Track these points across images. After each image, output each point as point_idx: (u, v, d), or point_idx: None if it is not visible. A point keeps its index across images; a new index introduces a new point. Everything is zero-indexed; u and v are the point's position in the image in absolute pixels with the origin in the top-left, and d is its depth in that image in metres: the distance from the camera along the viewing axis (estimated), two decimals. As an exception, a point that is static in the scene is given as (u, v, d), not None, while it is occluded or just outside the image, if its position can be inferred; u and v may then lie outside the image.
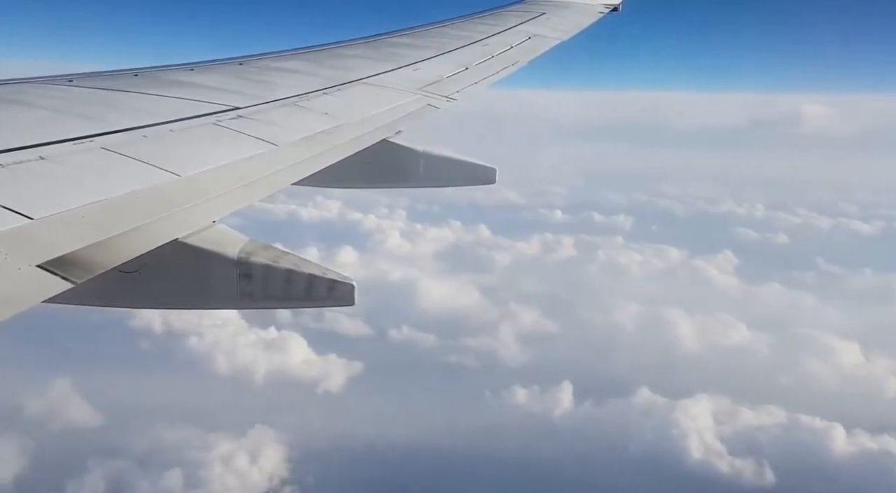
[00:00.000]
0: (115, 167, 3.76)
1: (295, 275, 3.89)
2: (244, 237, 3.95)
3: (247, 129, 4.91)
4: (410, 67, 8.01)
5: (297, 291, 3.91)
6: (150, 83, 5.69)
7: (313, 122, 5.53)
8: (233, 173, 4.19)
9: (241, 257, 3.82)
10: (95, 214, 3.22)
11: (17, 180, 3.30)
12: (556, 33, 11.05)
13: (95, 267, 2.89)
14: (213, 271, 3.80)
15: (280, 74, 6.81)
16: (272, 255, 3.92)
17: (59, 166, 3.56)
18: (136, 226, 3.27)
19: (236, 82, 6.18)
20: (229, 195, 3.97)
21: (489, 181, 6.81)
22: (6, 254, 2.69)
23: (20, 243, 2.79)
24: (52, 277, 2.70)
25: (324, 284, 3.92)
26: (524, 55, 9.56)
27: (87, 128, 4.15)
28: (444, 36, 9.89)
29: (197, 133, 4.65)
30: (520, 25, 11.09)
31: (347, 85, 6.83)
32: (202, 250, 3.70)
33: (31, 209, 3.00)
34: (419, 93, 7.15)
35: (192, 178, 3.93)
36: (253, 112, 5.32)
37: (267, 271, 3.86)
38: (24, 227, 2.89)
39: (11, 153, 3.53)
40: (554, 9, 12.50)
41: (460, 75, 8.14)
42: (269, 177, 4.35)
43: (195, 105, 5.16)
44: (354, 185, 6.67)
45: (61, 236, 2.94)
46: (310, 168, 4.72)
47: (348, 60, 7.96)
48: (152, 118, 4.61)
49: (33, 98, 4.67)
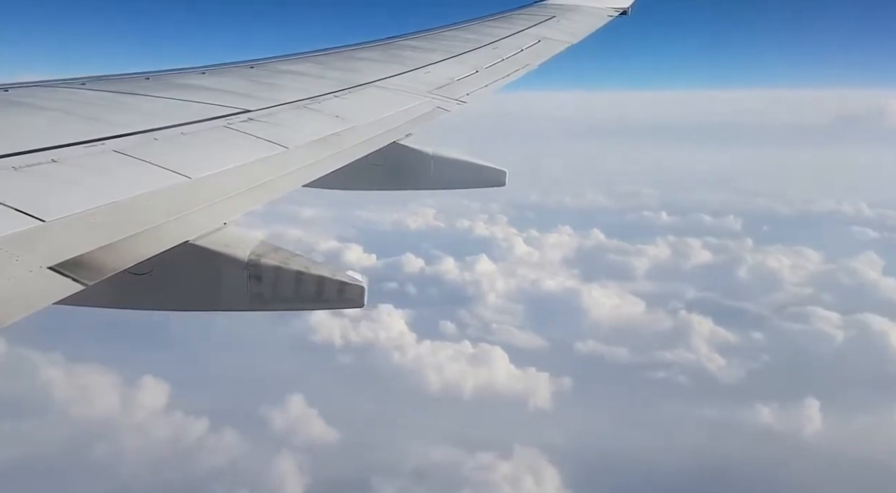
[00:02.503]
0: (126, 170, 3.77)
1: (305, 277, 3.89)
2: (255, 239, 3.95)
3: (257, 131, 4.92)
4: (421, 70, 8.01)
5: (307, 292, 3.91)
6: (162, 86, 5.71)
7: (323, 124, 5.53)
8: (243, 176, 4.20)
9: (252, 259, 3.82)
10: (107, 216, 3.23)
11: (29, 183, 3.31)
12: (566, 36, 11.03)
13: (107, 269, 2.89)
14: (224, 272, 3.80)
15: (290, 77, 6.82)
16: (282, 257, 3.92)
17: (70, 169, 3.57)
18: (147, 228, 3.28)
19: (247, 85, 6.19)
20: (240, 197, 3.97)
21: (499, 184, 6.80)
22: (18, 256, 2.70)
23: (32, 246, 2.80)
24: (64, 279, 2.70)
25: (334, 285, 3.92)
26: (534, 58, 9.55)
27: (99, 131, 4.16)
28: (454, 39, 9.89)
29: (208, 136, 4.66)
30: (529, 28, 11.07)
31: (358, 87, 6.83)
32: (213, 251, 3.70)
33: (42, 212, 3.01)
34: (429, 95, 7.15)
35: (202, 180, 3.94)
36: (263, 115, 5.32)
37: (277, 273, 3.86)
38: (35, 229, 2.90)
39: (24, 156, 3.55)
40: (563, 12, 12.49)
41: (470, 78, 8.13)
42: (279, 179, 4.35)
43: (206, 108, 5.17)
44: (365, 187, 6.67)
45: (73, 239, 2.94)
46: (320, 170, 4.72)
47: (358, 63, 7.97)
48: (164, 121, 4.62)
49: (45, 101, 4.70)
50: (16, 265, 2.66)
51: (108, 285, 2.96)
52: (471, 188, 6.92)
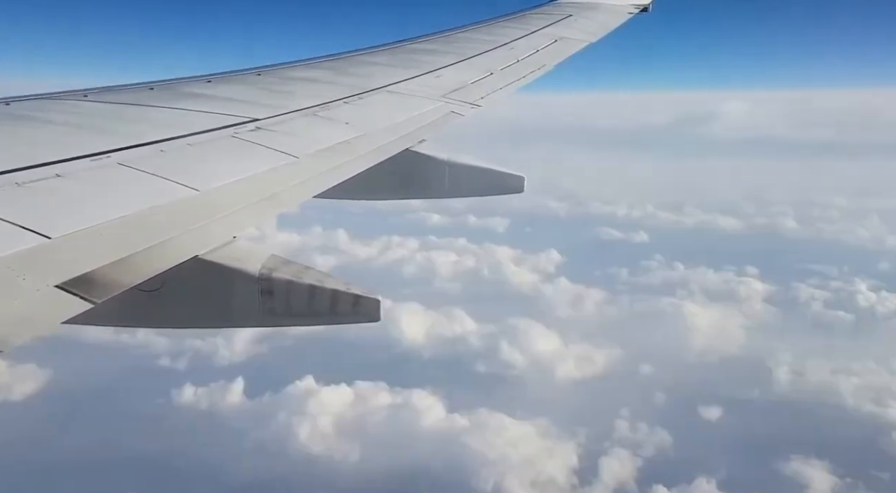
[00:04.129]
0: (132, 183, 3.70)
1: (318, 291, 3.79)
2: (266, 253, 3.86)
3: (266, 141, 4.83)
4: (433, 74, 7.89)
5: (320, 307, 3.82)
6: (167, 96, 5.63)
7: (334, 132, 5.43)
8: (253, 187, 4.11)
9: (263, 273, 3.73)
10: (114, 231, 3.17)
11: (33, 199, 3.25)
12: (584, 35, 10.82)
13: (115, 286, 2.84)
14: (235, 288, 3.73)
15: (299, 84, 6.72)
16: (294, 270, 3.82)
17: (75, 183, 3.51)
18: (156, 243, 3.22)
19: (254, 93, 6.11)
20: (249, 210, 3.88)
21: (517, 190, 6.64)
22: (24, 275, 2.65)
23: (38, 263, 2.76)
24: (71, 297, 2.66)
25: (349, 299, 3.81)
26: (551, 58, 9.36)
27: (104, 143, 4.09)
28: (467, 41, 9.76)
29: (215, 146, 4.57)
30: (545, 28, 10.90)
31: (368, 93, 6.73)
32: (223, 266, 3.63)
33: (48, 228, 2.96)
34: (442, 100, 7.03)
35: (211, 192, 3.85)
36: (272, 123, 5.23)
37: (289, 287, 3.77)
38: (41, 246, 2.85)
39: (28, 171, 3.49)
40: (581, 10, 12.28)
41: (485, 81, 8.00)
42: (289, 190, 4.26)
43: (213, 117, 5.08)
44: (378, 196, 6.54)
45: (79, 255, 2.89)
46: (332, 180, 4.61)
47: (369, 68, 7.87)
48: (169, 132, 4.54)
49: (48, 114, 4.64)
50: (22, 284, 2.61)
51: (116, 303, 2.90)
52: (488, 195, 6.77)
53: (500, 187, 6.64)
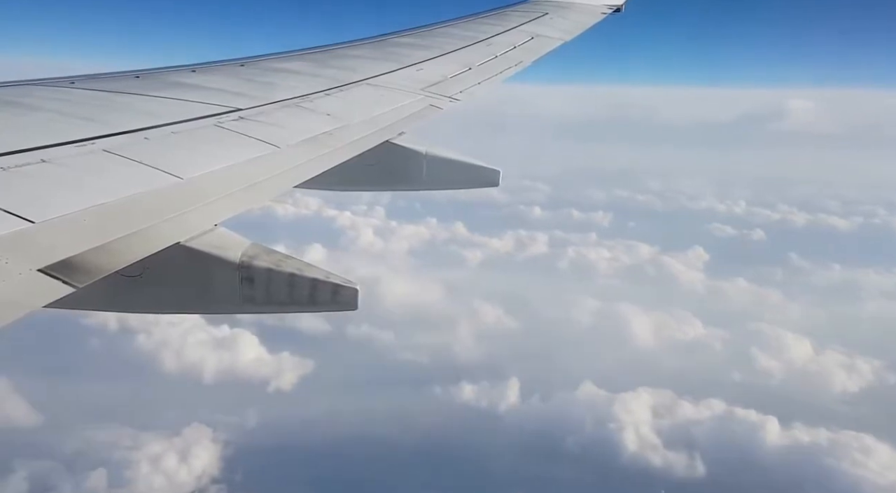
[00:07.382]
0: (116, 170, 3.74)
1: (298, 279, 3.85)
2: (246, 241, 3.90)
3: (249, 130, 4.88)
4: (413, 68, 7.97)
5: (300, 295, 3.87)
6: (152, 85, 5.65)
7: (315, 123, 5.49)
8: (235, 176, 4.16)
9: (244, 261, 3.78)
10: (97, 217, 3.20)
11: (18, 184, 3.27)
12: (560, 33, 11.02)
13: (97, 271, 2.87)
14: (216, 275, 3.77)
15: (282, 75, 6.77)
16: (275, 259, 3.88)
17: (60, 169, 3.53)
18: (138, 229, 3.25)
19: (238, 84, 6.14)
20: (232, 198, 3.93)
21: (493, 184, 6.74)
22: (7, 258, 2.67)
23: (21, 247, 2.77)
24: (54, 281, 2.68)
25: (327, 288, 3.87)
26: (527, 55, 9.52)
27: (89, 130, 4.12)
28: (447, 36, 9.85)
29: (199, 135, 4.61)
30: (523, 25, 11.04)
31: (350, 86, 6.79)
32: (204, 253, 3.67)
33: (32, 213, 2.99)
34: (422, 93, 7.11)
35: (193, 180, 3.90)
36: (255, 113, 5.28)
37: (269, 276, 3.82)
38: (25, 230, 2.87)
39: (13, 156, 3.51)
40: (557, 9, 12.46)
41: (463, 75, 8.10)
42: (271, 179, 4.32)
43: (197, 107, 5.12)
44: (357, 187, 6.61)
45: (62, 240, 2.92)
46: (312, 170, 4.68)
47: (351, 61, 7.92)
48: (154, 120, 4.58)
49: (34, 100, 4.65)
50: (4, 268, 2.63)
51: (98, 288, 2.92)
52: (464, 188, 6.87)
53: (477, 181, 6.74)
